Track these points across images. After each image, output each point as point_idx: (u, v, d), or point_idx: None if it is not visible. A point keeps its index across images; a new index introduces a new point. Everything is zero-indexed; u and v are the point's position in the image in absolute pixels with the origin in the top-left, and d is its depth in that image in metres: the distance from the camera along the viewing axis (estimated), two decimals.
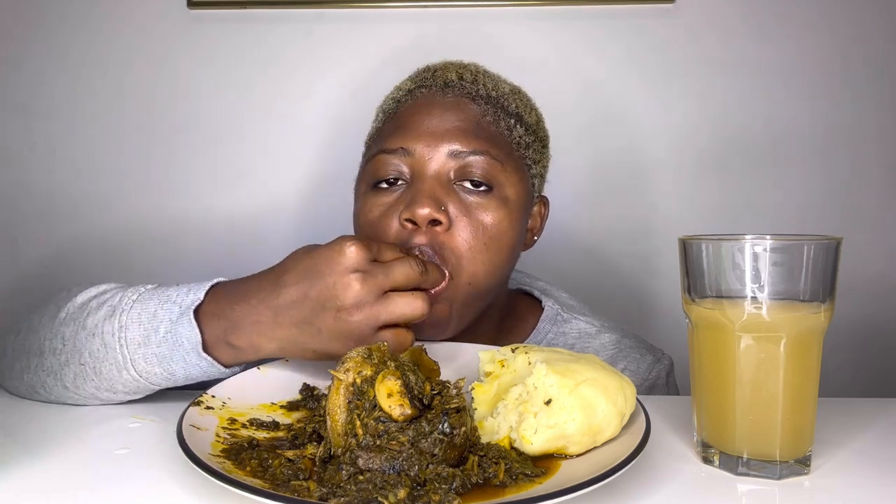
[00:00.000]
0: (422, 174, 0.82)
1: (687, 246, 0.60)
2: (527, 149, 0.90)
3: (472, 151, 0.83)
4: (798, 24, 1.41)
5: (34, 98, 1.44)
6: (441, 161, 0.82)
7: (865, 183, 1.43)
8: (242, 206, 1.45)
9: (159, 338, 0.68)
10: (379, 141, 0.88)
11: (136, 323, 0.69)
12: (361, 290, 0.65)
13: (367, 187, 0.87)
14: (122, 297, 0.72)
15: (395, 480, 0.49)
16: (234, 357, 0.69)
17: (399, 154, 0.83)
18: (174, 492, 0.55)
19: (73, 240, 1.45)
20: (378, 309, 0.66)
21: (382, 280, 0.66)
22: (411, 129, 0.84)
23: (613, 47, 1.42)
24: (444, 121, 0.84)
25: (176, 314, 0.68)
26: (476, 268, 0.81)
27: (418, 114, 0.86)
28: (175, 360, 0.68)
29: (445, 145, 0.82)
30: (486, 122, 0.86)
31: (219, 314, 0.68)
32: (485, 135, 0.85)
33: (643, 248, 1.45)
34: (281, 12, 1.42)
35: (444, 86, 0.88)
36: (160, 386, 0.71)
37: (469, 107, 0.86)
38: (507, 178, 0.85)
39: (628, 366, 0.96)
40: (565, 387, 0.56)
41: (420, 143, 0.83)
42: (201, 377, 0.70)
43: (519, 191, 0.87)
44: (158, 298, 0.70)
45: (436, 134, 0.83)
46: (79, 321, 0.73)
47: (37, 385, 0.75)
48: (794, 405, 0.58)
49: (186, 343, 0.68)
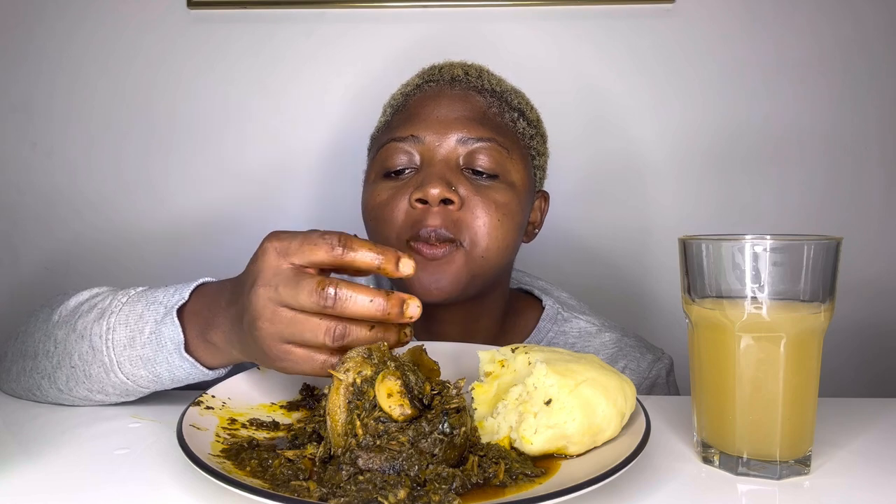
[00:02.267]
0: (432, 159, 0.86)
1: (687, 246, 0.60)
2: (531, 140, 0.94)
3: (480, 139, 0.87)
4: (798, 23, 1.41)
5: (34, 98, 1.44)
6: (450, 147, 0.86)
7: (866, 183, 1.43)
8: (243, 206, 1.45)
9: (144, 339, 0.68)
10: (388, 132, 0.91)
11: (123, 325, 0.69)
12: (259, 302, 0.58)
13: (377, 176, 0.90)
14: (112, 300, 0.71)
15: (395, 480, 0.49)
16: (214, 357, 0.67)
17: (409, 141, 0.87)
18: (174, 492, 0.55)
19: (72, 241, 1.45)
20: (279, 325, 0.57)
21: (276, 294, 0.57)
22: (421, 118, 0.88)
23: (613, 47, 1.42)
24: (453, 110, 0.88)
25: (161, 314, 0.68)
26: (490, 242, 0.85)
27: (427, 104, 0.89)
28: (159, 362, 0.68)
29: (454, 133, 0.86)
30: (492, 112, 0.90)
31: (197, 312, 0.67)
32: (491, 124, 0.89)
33: (643, 247, 1.45)
34: (282, 12, 1.42)
35: (452, 80, 0.92)
36: (148, 388, 0.71)
37: (475, 98, 0.90)
38: (512, 165, 0.89)
39: (629, 364, 0.97)
40: (565, 387, 0.56)
41: (430, 131, 0.87)
42: (186, 379, 0.69)
43: (524, 177, 0.91)
44: (146, 300, 0.70)
45: (445, 122, 0.87)
46: (70, 324, 0.73)
47: (32, 387, 0.75)
48: (794, 405, 0.58)
49: (169, 344, 0.67)
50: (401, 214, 0.85)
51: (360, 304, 0.56)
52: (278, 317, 0.57)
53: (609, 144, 1.44)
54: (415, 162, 0.87)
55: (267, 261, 0.58)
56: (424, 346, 0.63)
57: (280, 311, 0.57)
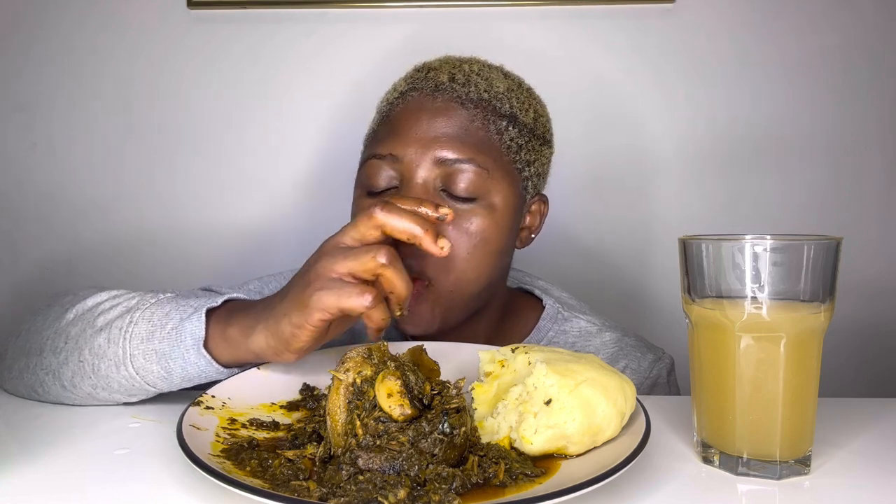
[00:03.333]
0: (410, 181, 0.85)
1: (687, 246, 0.60)
2: (518, 151, 0.91)
3: (458, 160, 0.85)
4: (798, 23, 1.41)
5: (34, 99, 1.44)
6: (428, 168, 0.85)
7: (866, 183, 1.43)
8: (243, 206, 1.45)
9: (164, 334, 0.69)
10: (373, 144, 0.91)
11: (147, 320, 0.70)
12: (325, 266, 0.64)
13: (362, 192, 0.90)
14: (140, 300, 0.73)
15: (395, 480, 0.49)
16: (227, 351, 0.68)
17: (388, 160, 0.87)
18: (174, 492, 0.55)
19: (72, 241, 1.45)
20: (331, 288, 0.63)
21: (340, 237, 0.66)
22: (400, 136, 0.87)
23: (613, 47, 1.42)
24: (432, 127, 0.86)
25: (188, 313, 0.69)
26: (458, 276, 0.84)
27: (408, 119, 0.88)
28: (174, 358, 0.68)
29: (432, 152, 0.85)
30: (475, 127, 0.88)
31: (226, 317, 0.69)
32: (472, 141, 0.87)
33: (643, 247, 1.45)
34: (282, 12, 1.42)
35: (435, 89, 0.90)
36: (155, 387, 0.71)
37: (457, 112, 0.88)
38: (493, 185, 0.87)
39: (629, 364, 0.97)
40: (565, 387, 0.56)
41: (409, 150, 0.86)
42: (198, 378, 0.70)
43: (507, 196, 0.88)
44: (178, 302, 0.71)
45: (423, 141, 0.86)
46: (87, 320, 0.73)
47: (35, 384, 0.76)
48: (794, 405, 0.58)
49: (189, 339, 0.68)
50: None
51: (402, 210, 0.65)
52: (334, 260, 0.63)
53: (608, 144, 1.44)
54: (395, 181, 0.87)
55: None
56: (424, 346, 0.63)
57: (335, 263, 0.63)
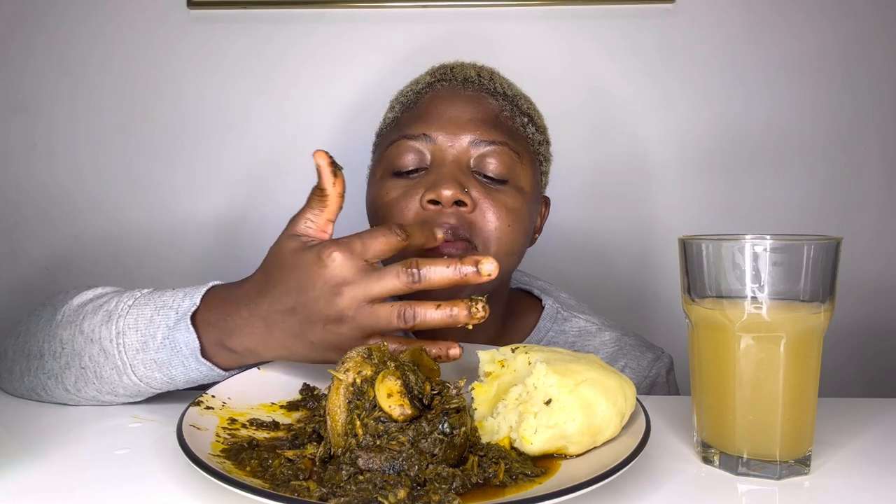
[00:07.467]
0: (443, 160, 0.85)
1: (687, 246, 0.60)
2: (539, 146, 0.94)
3: (492, 142, 0.86)
4: (798, 23, 1.41)
5: (35, 98, 1.44)
6: (462, 148, 0.86)
7: (865, 183, 1.43)
8: (243, 206, 1.45)
9: (157, 343, 0.68)
10: (398, 128, 0.90)
11: (133, 329, 0.69)
12: (343, 303, 0.62)
13: (385, 173, 0.88)
14: (117, 302, 0.71)
15: (395, 480, 0.49)
16: (234, 361, 0.69)
17: (421, 140, 0.86)
18: (174, 492, 0.55)
19: (73, 240, 1.45)
20: (361, 320, 0.62)
21: (365, 290, 0.62)
22: (434, 117, 0.87)
23: (613, 47, 1.42)
24: (466, 111, 0.87)
25: (173, 320, 0.68)
26: (500, 247, 0.84)
27: (440, 104, 0.89)
28: (174, 366, 0.68)
29: (467, 134, 0.86)
30: (504, 116, 0.90)
31: (213, 323, 0.67)
32: (503, 128, 0.88)
33: (643, 247, 1.45)
34: (282, 12, 1.42)
35: (465, 80, 0.91)
36: (161, 389, 0.71)
37: (488, 101, 0.90)
38: (522, 171, 0.88)
39: (629, 363, 0.97)
40: (565, 387, 0.56)
41: (442, 131, 0.86)
42: (202, 381, 0.70)
43: (532, 183, 0.90)
44: (154, 304, 0.70)
45: (458, 123, 0.86)
46: (75, 325, 0.72)
47: (37, 387, 0.75)
48: (794, 405, 0.58)
49: (185, 349, 0.67)
50: (410, 215, 0.83)
51: (441, 272, 0.62)
52: (362, 312, 0.62)
53: (608, 144, 1.44)
54: (425, 161, 0.86)
55: (338, 263, 0.62)
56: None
57: (364, 307, 0.62)
